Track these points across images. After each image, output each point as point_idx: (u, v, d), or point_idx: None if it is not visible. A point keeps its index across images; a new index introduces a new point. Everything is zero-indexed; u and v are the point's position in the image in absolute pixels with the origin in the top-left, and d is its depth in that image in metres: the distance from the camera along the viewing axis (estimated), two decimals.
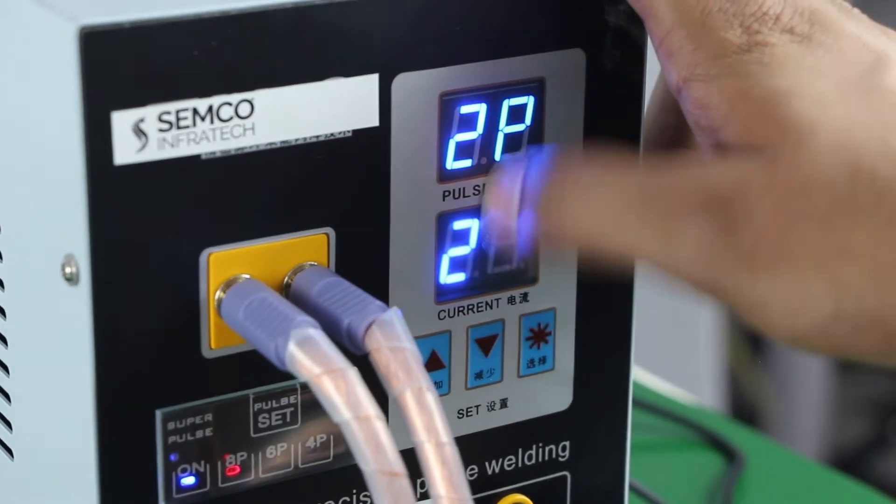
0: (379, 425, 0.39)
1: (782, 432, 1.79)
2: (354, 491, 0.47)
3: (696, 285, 0.41)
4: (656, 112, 0.50)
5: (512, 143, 0.47)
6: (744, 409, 1.79)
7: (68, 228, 0.42)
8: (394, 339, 0.41)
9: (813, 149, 0.40)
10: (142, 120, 0.41)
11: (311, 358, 0.40)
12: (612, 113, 0.48)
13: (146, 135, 0.41)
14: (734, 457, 0.72)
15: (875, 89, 0.41)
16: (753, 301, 0.40)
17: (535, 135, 0.47)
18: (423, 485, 0.46)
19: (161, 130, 0.42)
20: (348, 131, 0.44)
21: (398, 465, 0.39)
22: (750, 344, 1.83)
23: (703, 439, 0.74)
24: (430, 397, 0.40)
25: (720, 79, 0.41)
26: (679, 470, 0.72)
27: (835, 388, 1.86)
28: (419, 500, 0.47)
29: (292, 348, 0.41)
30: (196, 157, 0.42)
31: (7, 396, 0.48)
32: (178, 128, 0.42)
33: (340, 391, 0.40)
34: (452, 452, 0.40)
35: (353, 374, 0.40)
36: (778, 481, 0.72)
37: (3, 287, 0.47)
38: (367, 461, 0.39)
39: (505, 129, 0.46)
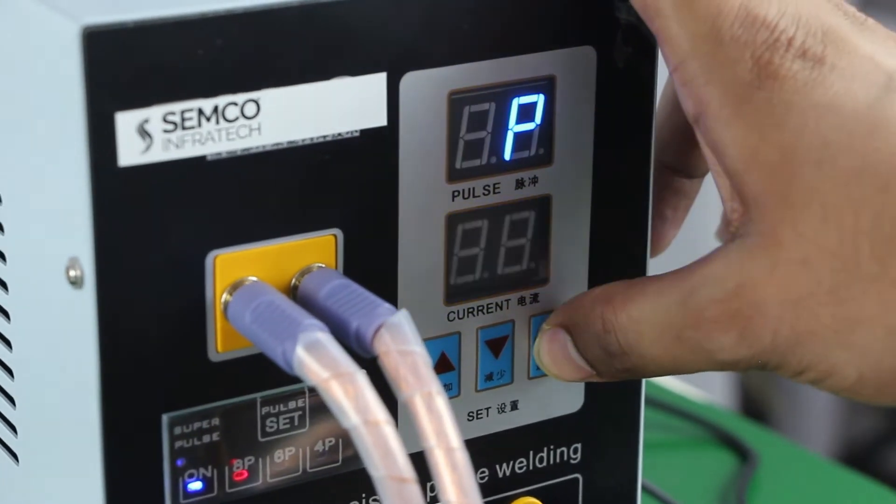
0: (388, 430, 0.39)
1: (793, 427, 1.79)
2: (364, 495, 0.47)
3: (751, 370, 0.44)
4: (668, 112, 0.50)
5: (522, 142, 0.46)
6: (754, 405, 1.79)
7: (72, 231, 0.42)
8: (403, 343, 0.41)
9: (813, 222, 0.42)
10: (146, 121, 0.41)
11: (319, 362, 0.40)
12: (624, 111, 0.48)
13: (151, 136, 0.41)
14: (747, 455, 0.72)
15: (881, 125, 0.42)
16: (794, 371, 0.43)
17: (545, 134, 0.47)
18: (433, 488, 0.46)
19: (166, 131, 0.41)
20: (356, 131, 0.44)
21: (408, 471, 0.39)
22: None
23: (716, 438, 0.74)
24: (440, 401, 0.40)
25: (732, 127, 0.42)
26: (691, 469, 0.72)
27: None
28: None
29: (300, 352, 0.40)
30: (201, 158, 0.42)
31: (12, 400, 0.48)
32: (184, 128, 0.41)
33: (349, 396, 0.39)
34: (463, 457, 0.39)
35: (361, 379, 0.40)
36: (791, 480, 0.72)
37: (6, 289, 0.47)
38: (377, 467, 0.39)
39: (514, 127, 0.46)
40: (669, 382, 0.78)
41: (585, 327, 0.46)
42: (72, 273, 0.42)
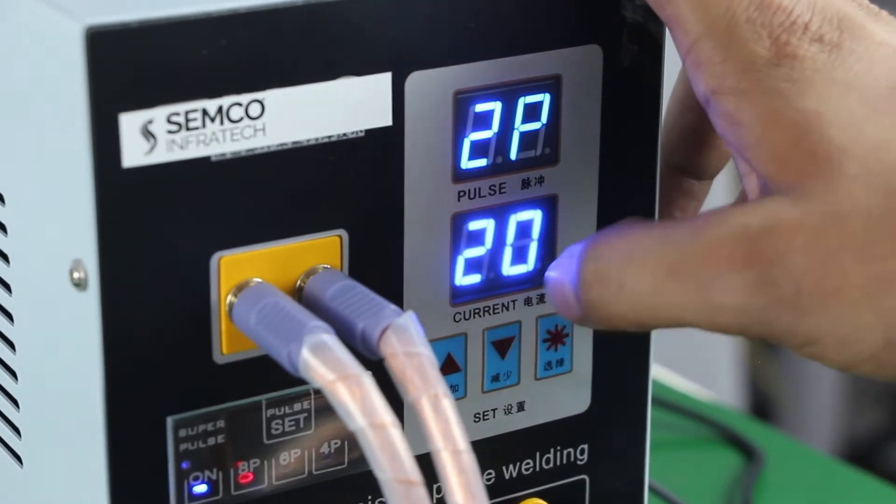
0: (395, 433, 0.39)
1: (797, 424, 1.79)
2: (370, 497, 0.47)
3: (745, 334, 0.41)
4: (677, 113, 0.50)
5: (528, 141, 0.46)
6: (759, 402, 1.79)
7: (76, 232, 0.42)
8: (409, 345, 0.41)
9: (844, 178, 0.40)
10: (150, 121, 0.41)
11: (325, 364, 0.40)
12: (630, 110, 0.48)
13: (155, 136, 0.41)
14: (753, 455, 0.71)
15: None
16: (804, 338, 0.41)
17: (552, 133, 0.47)
18: (439, 490, 0.46)
19: (170, 132, 0.41)
20: (361, 131, 0.44)
21: (414, 474, 0.39)
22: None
23: (722, 437, 0.74)
24: (447, 404, 0.40)
25: (750, 95, 0.41)
26: (697, 468, 0.72)
27: (849, 379, 1.87)
28: None
29: (306, 354, 0.40)
30: (206, 159, 0.42)
31: (15, 403, 0.48)
32: (188, 129, 0.41)
33: (355, 398, 0.39)
34: (469, 460, 0.39)
35: (367, 381, 0.40)
36: (797, 479, 0.72)
37: (10, 291, 0.47)
38: (383, 469, 0.38)
39: (521, 127, 0.46)
40: (675, 381, 0.79)
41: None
42: (75, 275, 0.42)
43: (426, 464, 0.39)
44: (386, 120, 0.44)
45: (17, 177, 0.45)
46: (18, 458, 0.49)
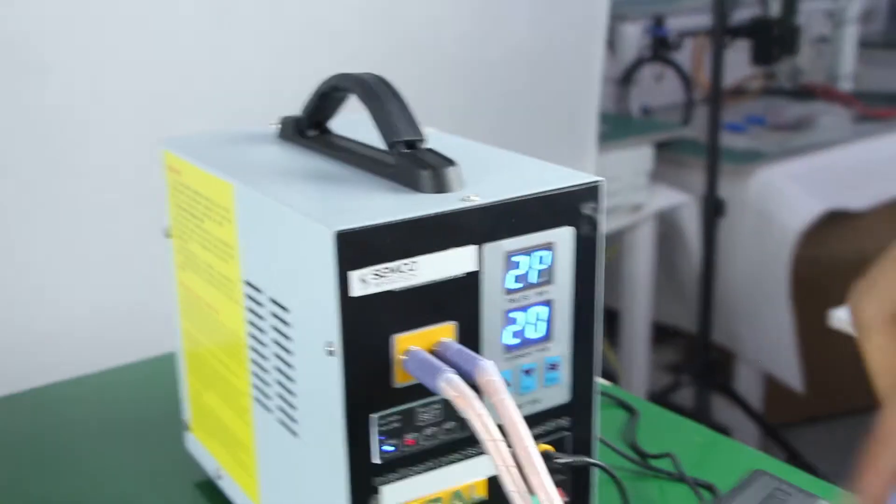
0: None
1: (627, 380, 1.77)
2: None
3: None
4: None
5: (541, 272, 0.61)
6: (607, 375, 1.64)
7: (329, 327, 0.56)
8: (491, 375, 0.55)
9: None
10: (365, 274, 0.56)
11: (453, 390, 0.55)
12: (585, 257, 0.61)
13: (366, 281, 0.56)
14: (632, 410, 0.75)
15: None
16: None
17: (550, 270, 0.61)
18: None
19: (375, 276, 0.56)
20: (462, 273, 0.59)
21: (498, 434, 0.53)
22: None
23: (613, 402, 0.78)
24: (509, 404, 0.55)
25: None
26: (607, 422, 0.75)
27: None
28: None
29: (443, 384, 0.56)
30: (391, 291, 0.57)
31: (293, 406, 0.61)
32: (381, 277, 0.57)
33: (474, 413, 0.54)
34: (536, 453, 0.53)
35: (477, 403, 0.54)
36: (659, 425, 0.75)
37: (291, 354, 0.61)
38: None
39: (536, 266, 0.61)
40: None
41: None
42: (328, 348, 0.57)
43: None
44: (473, 267, 0.59)
45: (291, 300, 0.60)
46: (295, 433, 0.62)
